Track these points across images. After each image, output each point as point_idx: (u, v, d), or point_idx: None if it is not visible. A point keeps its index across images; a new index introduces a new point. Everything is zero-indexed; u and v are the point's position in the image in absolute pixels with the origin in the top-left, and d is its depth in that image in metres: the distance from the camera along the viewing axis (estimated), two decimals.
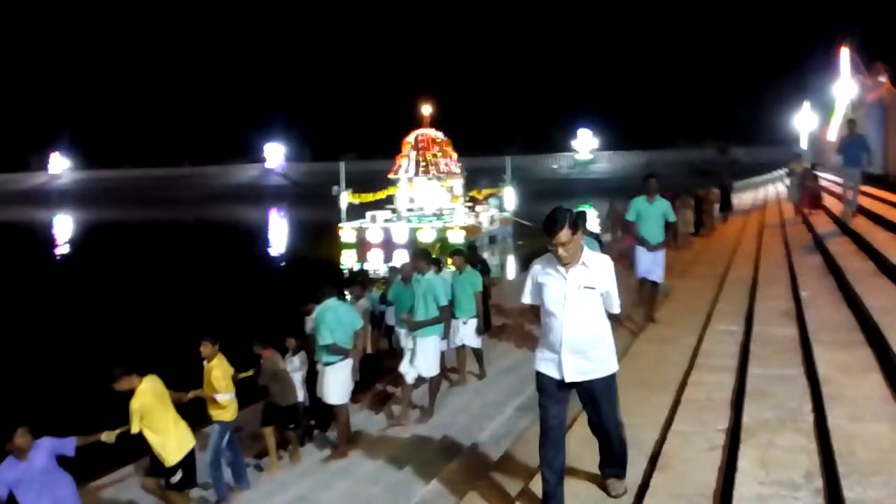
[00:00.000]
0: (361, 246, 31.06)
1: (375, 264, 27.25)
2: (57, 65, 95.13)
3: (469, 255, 12.31)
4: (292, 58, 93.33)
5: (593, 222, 34.29)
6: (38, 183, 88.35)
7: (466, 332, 9.16)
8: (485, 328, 10.63)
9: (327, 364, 7.68)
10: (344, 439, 7.79)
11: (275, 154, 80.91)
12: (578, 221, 4.01)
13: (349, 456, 7.67)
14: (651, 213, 8.83)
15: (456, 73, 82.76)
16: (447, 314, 8.33)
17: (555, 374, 4.16)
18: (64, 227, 54.40)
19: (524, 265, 21.02)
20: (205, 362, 7.40)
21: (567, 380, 4.14)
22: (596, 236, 9.73)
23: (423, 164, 33.24)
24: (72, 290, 23.53)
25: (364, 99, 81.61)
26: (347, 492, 6.46)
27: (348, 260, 29.20)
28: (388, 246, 30.34)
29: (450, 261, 9.85)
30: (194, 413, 7.51)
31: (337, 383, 7.69)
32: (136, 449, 6.73)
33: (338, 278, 19.25)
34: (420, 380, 8.30)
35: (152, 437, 6.45)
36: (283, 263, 30.97)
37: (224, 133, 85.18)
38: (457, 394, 9.22)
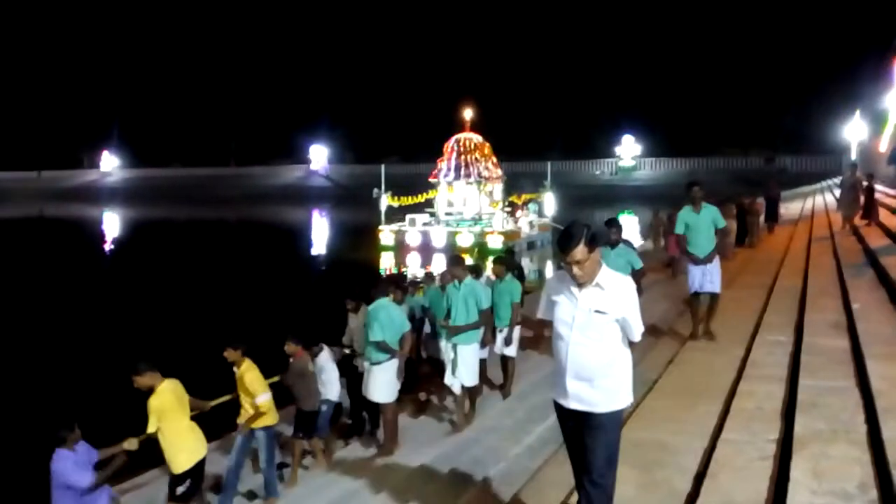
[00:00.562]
0: (400, 249, 31.04)
1: (413, 268, 27.24)
2: (110, 65, 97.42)
3: (507, 261, 12.45)
4: (338, 61, 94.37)
5: (634, 230, 34.10)
6: (89, 180, 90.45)
7: (501, 341, 8.90)
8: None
9: (375, 363, 7.81)
10: (391, 437, 7.91)
11: (319, 156, 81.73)
12: (596, 238, 3.66)
13: (395, 454, 7.78)
14: (700, 223, 8.40)
15: (498, 77, 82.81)
16: (488, 319, 8.24)
17: (561, 401, 3.91)
18: (112, 224, 55.68)
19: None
20: (234, 369, 7.25)
21: (567, 406, 3.87)
22: (630, 244, 9.40)
23: (463, 168, 33.21)
24: (115, 285, 23.99)
25: (408, 102, 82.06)
26: (396, 489, 6.57)
27: (387, 262, 29.30)
28: (427, 249, 30.34)
29: (491, 268, 9.59)
30: (214, 423, 7.50)
31: (384, 382, 7.79)
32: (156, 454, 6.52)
33: (376, 280, 19.36)
34: (463, 389, 8.18)
35: (165, 442, 6.27)
36: (322, 264, 31.09)
37: (270, 135, 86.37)
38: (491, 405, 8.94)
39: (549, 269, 26.49)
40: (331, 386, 8.27)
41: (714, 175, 60.00)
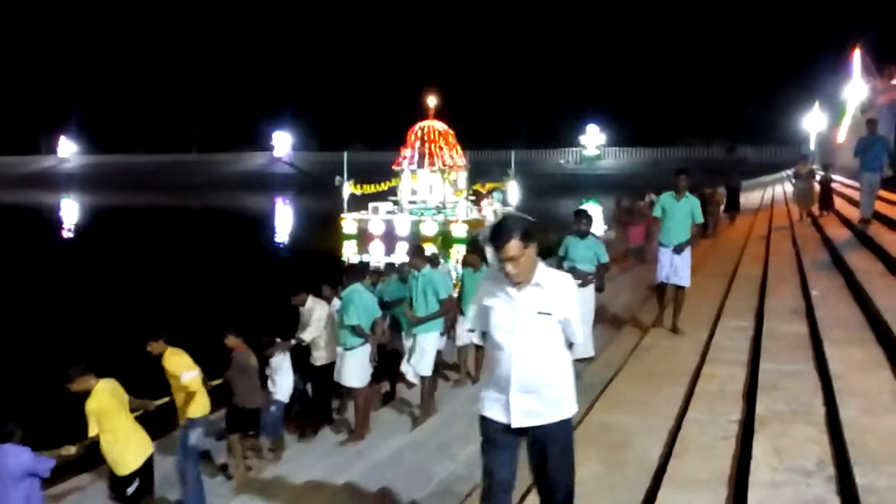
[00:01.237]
0: (363, 237, 30.82)
1: (376, 256, 26.99)
2: (67, 49, 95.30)
3: (482, 251, 12.45)
4: (301, 47, 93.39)
5: (598, 219, 34.36)
6: (46, 166, 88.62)
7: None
8: None
9: (348, 348, 7.85)
10: (362, 422, 7.96)
11: (282, 143, 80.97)
12: (531, 233, 3.34)
13: (366, 439, 7.84)
14: (677, 211, 8.24)
15: (463, 65, 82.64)
16: (448, 307, 8.11)
17: (501, 419, 3.49)
18: (70, 211, 54.65)
19: None
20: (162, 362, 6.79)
21: (514, 424, 3.46)
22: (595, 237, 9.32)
23: (427, 156, 33.07)
24: (70, 274, 23.57)
25: (372, 89, 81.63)
26: (365, 474, 6.62)
27: (349, 251, 29.07)
28: (390, 238, 30.15)
29: (463, 258, 9.47)
30: (158, 423, 7.33)
31: (357, 367, 7.84)
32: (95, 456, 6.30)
33: (337, 269, 19.05)
34: (421, 378, 8.11)
35: (108, 444, 6.07)
36: (283, 254, 30.73)
37: (232, 121, 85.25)
38: (456, 395, 8.93)
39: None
40: (283, 387, 8.18)
41: (677, 165, 60.61)
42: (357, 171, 33.79)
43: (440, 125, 34.17)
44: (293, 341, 8.38)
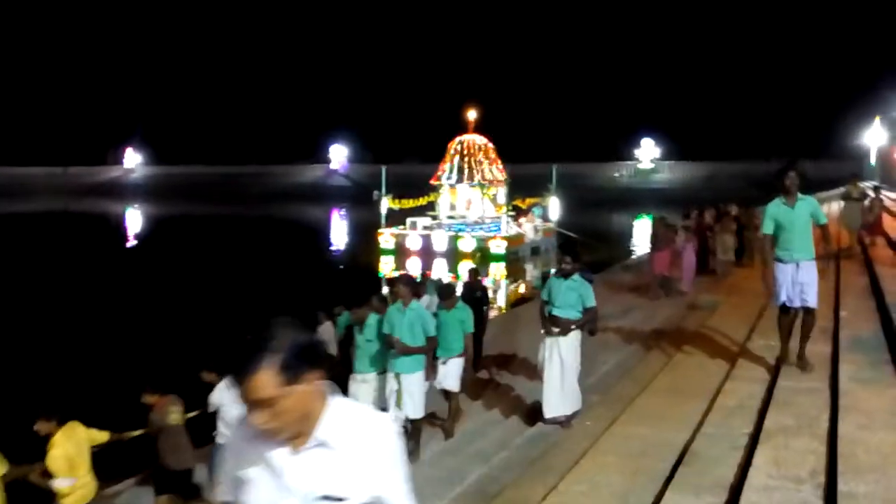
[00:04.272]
0: (400, 253, 30.12)
1: (414, 272, 26.22)
2: (135, 62, 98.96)
3: (472, 279, 11.76)
4: (357, 61, 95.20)
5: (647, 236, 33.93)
6: (113, 177, 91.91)
7: (447, 373, 7.97)
8: (475, 365, 10.05)
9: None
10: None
11: (338, 155, 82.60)
12: (306, 356, 1.95)
13: None
14: (795, 219, 6.86)
15: (506, 78, 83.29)
16: (434, 346, 7.61)
17: None
18: (135, 220, 56.75)
19: None
20: None
21: None
22: (588, 276, 8.57)
23: (466, 170, 32.33)
24: (131, 280, 24.55)
25: (425, 101, 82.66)
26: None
27: (386, 266, 28.56)
28: (428, 254, 29.55)
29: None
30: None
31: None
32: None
33: (376, 285, 18.96)
34: (408, 422, 7.43)
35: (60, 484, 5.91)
36: (324, 266, 30.29)
37: (291, 134, 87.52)
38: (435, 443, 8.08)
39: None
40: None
41: (734, 180, 60.19)
42: (404, 185, 33.57)
43: (480, 139, 33.49)
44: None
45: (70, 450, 6.00)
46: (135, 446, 7.06)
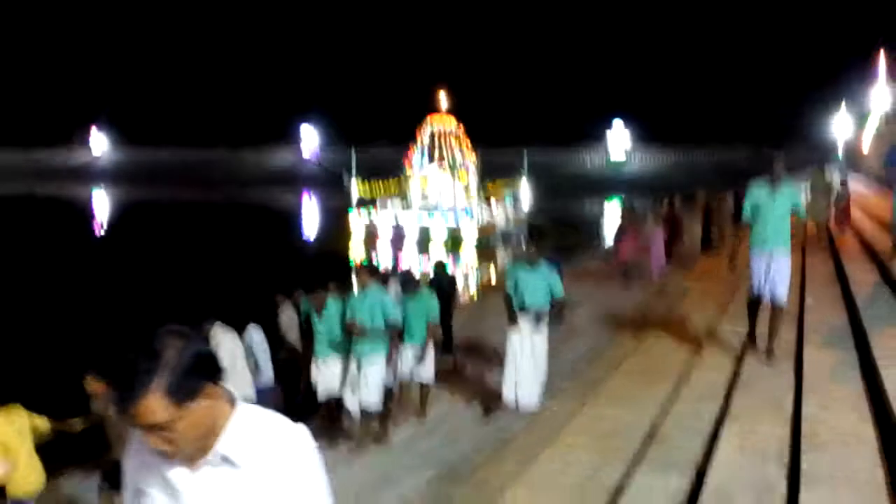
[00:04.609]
0: (370, 238, 29.85)
1: (384, 257, 26.51)
2: (101, 43, 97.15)
3: (439, 270, 11.74)
4: (329, 43, 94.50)
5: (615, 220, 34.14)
6: (78, 159, 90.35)
7: (422, 368, 8.03)
8: (444, 351, 10.23)
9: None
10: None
11: (309, 139, 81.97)
12: (211, 359, 1.79)
13: None
14: (776, 206, 6.58)
15: (477, 62, 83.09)
16: (396, 332, 7.47)
17: None
18: (101, 205, 55.97)
19: None
20: None
21: None
22: (557, 264, 8.70)
23: (436, 154, 31.67)
24: (93, 269, 24.13)
25: (397, 84, 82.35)
26: None
27: (356, 252, 28.39)
28: (398, 239, 29.36)
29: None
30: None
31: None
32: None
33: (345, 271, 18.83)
34: (364, 412, 7.43)
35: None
36: (291, 251, 29.37)
37: (260, 117, 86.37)
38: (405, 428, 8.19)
39: None
40: None
41: (702, 167, 60.92)
42: (374, 168, 33.06)
43: (450, 121, 32.67)
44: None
45: (7, 433, 5.77)
46: (84, 436, 6.69)
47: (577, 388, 7.85)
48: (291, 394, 8.81)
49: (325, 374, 7.68)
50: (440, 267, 12.00)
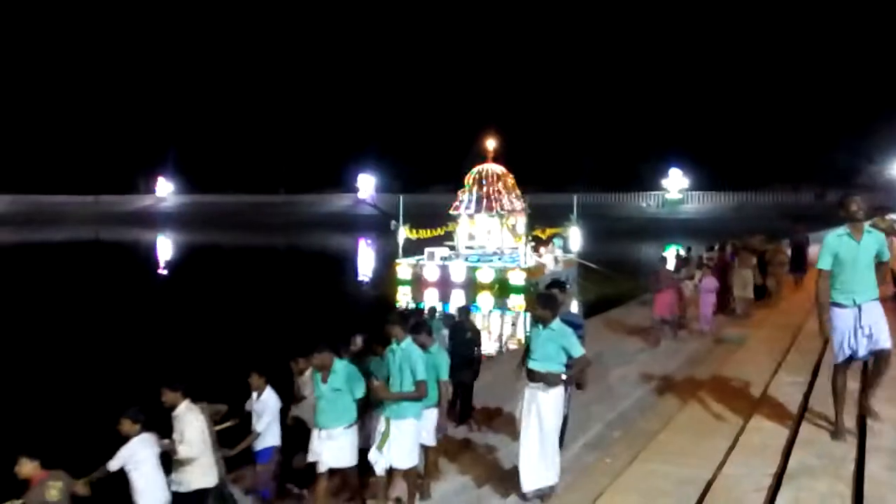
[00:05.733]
0: (417, 283, 29.41)
1: (431, 303, 25.49)
2: (167, 92, 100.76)
3: (462, 317, 10.10)
4: (386, 91, 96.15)
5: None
6: (144, 205, 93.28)
7: (422, 426, 7.17)
8: (462, 418, 9.46)
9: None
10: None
11: (366, 184, 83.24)
12: None
13: None
14: (860, 255, 5.84)
15: (528, 106, 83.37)
16: (423, 391, 6.80)
17: None
18: (165, 248, 57.50)
19: (588, 310, 19.91)
20: None
21: None
22: (576, 321, 7.61)
23: (485, 200, 31.50)
24: (158, 306, 24.89)
25: (455, 130, 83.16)
26: None
27: (403, 297, 28.03)
28: (445, 284, 28.85)
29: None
30: None
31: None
32: None
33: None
34: (392, 471, 6.87)
35: None
36: (339, 297, 29.05)
37: (319, 163, 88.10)
38: None
39: (574, 307, 25.16)
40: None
41: (763, 210, 59.71)
42: (428, 215, 32.83)
43: (498, 168, 32.80)
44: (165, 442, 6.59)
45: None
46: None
47: (627, 440, 7.59)
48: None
49: (329, 448, 6.85)
50: (465, 313, 10.32)
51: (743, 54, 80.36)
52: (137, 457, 6.07)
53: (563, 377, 6.34)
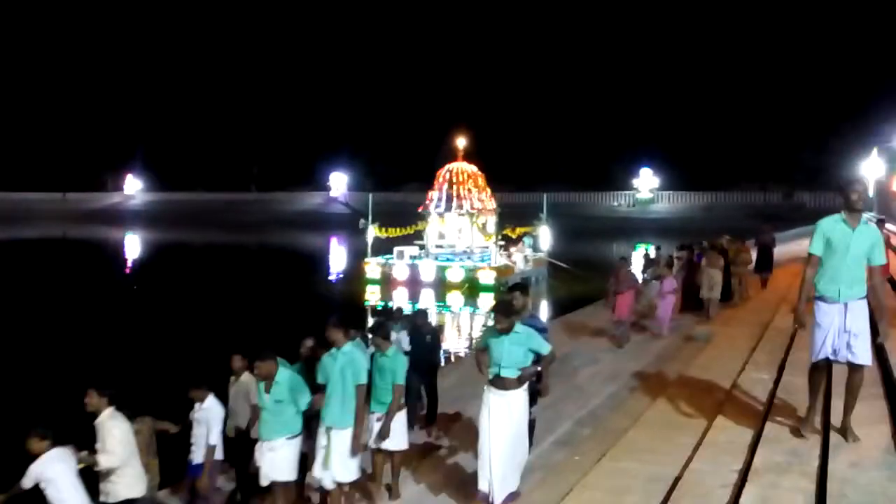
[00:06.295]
0: (387, 282, 29.32)
1: (400, 303, 25.27)
2: (134, 89, 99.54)
3: (421, 321, 9.89)
4: (358, 89, 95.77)
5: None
6: (112, 203, 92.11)
7: (392, 432, 6.97)
8: (428, 420, 9.47)
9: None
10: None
11: (338, 183, 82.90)
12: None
13: None
14: (853, 245, 5.45)
15: (499, 105, 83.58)
16: (363, 396, 6.59)
17: None
18: (133, 246, 56.75)
19: (557, 310, 20.01)
20: None
21: None
22: (537, 322, 7.30)
23: (454, 198, 31.29)
24: (123, 305, 24.70)
25: (427, 128, 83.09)
26: None
27: (372, 297, 27.89)
28: (415, 283, 28.73)
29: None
30: None
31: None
32: None
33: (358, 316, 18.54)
34: (338, 486, 6.58)
35: None
36: (306, 296, 28.19)
37: (291, 161, 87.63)
38: None
39: (543, 308, 24.06)
40: None
41: (732, 210, 60.42)
42: (398, 213, 32.78)
43: (469, 167, 32.56)
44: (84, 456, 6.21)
45: None
46: None
47: (596, 438, 7.62)
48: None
49: (271, 460, 6.62)
50: (423, 316, 10.22)
51: (713, 55, 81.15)
52: (48, 474, 5.69)
53: (538, 368, 6.24)
